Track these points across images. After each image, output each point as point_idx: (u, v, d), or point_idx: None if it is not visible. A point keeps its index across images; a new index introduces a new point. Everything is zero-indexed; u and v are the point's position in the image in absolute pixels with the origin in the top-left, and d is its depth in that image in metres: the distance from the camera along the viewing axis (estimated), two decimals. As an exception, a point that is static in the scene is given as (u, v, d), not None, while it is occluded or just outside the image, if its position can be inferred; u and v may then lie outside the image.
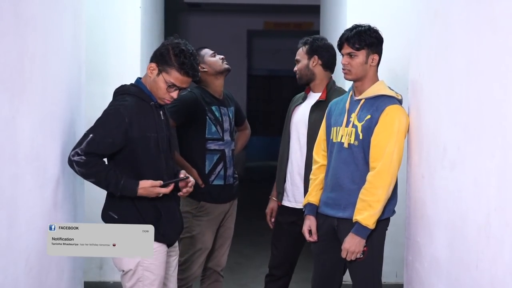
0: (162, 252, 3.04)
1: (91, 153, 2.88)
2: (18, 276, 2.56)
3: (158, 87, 3.00)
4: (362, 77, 3.15)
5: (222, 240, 3.92)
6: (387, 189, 3.03)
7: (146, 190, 2.93)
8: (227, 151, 3.82)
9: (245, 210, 6.44)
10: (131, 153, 2.97)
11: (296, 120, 3.78)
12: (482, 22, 2.23)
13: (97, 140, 2.88)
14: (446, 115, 2.56)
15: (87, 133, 2.92)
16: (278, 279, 3.87)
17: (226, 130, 3.83)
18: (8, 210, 2.45)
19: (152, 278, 2.99)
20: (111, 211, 3.03)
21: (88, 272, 4.73)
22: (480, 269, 2.20)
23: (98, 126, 2.93)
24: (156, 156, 3.02)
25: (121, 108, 2.94)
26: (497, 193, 2.09)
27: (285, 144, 3.82)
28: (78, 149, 2.87)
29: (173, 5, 9.70)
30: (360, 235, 3.04)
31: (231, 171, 3.85)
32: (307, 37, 3.80)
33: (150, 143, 2.99)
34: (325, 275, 3.32)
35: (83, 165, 2.88)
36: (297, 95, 3.96)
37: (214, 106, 3.79)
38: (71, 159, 2.89)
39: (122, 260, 2.99)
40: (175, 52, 2.97)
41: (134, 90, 3.04)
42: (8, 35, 2.41)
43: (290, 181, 3.78)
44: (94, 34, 4.88)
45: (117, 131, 2.91)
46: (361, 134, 3.10)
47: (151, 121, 3.01)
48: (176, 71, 2.97)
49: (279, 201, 3.83)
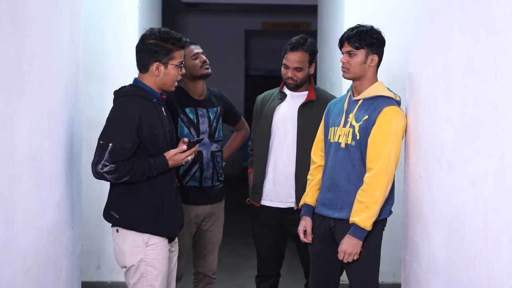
0: (164, 246, 3.05)
1: (118, 160, 2.91)
2: (15, 276, 2.56)
3: (172, 76, 3.07)
4: (360, 77, 3.15)
5: (211, 246, 3.87)
6: (384, 191, 3.03)
7: (173, 160, 3.02)
8: (204, 153, 3.72)
9: (242, 210, 6.46)
10: (143, 151, 3.00)
11: (279, 119, 3.74)
12: (479, 22, 2.23)
13: (118, 147, 2.91)
14: (444, 115, 2.56)
15: (104, 143, 2.92)
16: (269, 278, 3.87)
17: (204, 132, 3.74)
18: (6, 211, 2.45)
19: (156, 273, 3.01)
20: (112, 211, 3.05)
21: (85, 272, 4.72)
22: (477, 269, 2.20)
23: (114, 134, 2.93)
24: (165, 149, 3.06)
25: (130, 110, 2.96)
26: (494, 193, 2.09)
27: (263, 145, 3.77)
28: (104, 161, 2.89)
29: (171, 5, 9.70)
30: (358, 236, 3.04)
31: (209, 173, 3.75)
32: (299, 40, 3.66)
33: (158, 139, 3.03)
34: (322, 275, 3.32)
35: (115, 171, 2.91)
36: (267, 94, 3.91)
37: (188, 108, 3.72)
38: (100, 172, 2.90)
39: (125, 256, 3.01)
40: (163, 38, 3.03)
41: (135, 90, 3.06)
42: (5, 35, 2.41)
43: (272, 180, 3.75)
44: (92, 34, 4.88)
45: (131, 134, 2.94)
46: (359, 134, 3.10)
47: (156, 118, 3.05)
48: (177, 51, 3.06)
49: (257, 202, 3.81)
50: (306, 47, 3.66)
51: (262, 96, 3.95)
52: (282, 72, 3.73)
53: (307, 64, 3.69)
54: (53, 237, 3.06)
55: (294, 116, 3.72)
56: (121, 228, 3.02)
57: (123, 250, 3.02)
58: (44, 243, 2.92)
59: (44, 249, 2.92)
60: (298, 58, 3.65)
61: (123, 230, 3.02)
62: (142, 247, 3.00)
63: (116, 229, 3.04)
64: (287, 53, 3.68)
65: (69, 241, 3.33)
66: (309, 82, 3.79)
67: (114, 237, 3.06)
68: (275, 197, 3.75)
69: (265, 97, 3.91)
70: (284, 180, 3.72)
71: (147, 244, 3.00)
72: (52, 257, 3.06)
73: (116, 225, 3.04)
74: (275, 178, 3.74)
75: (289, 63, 3.67)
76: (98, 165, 2.90)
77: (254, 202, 3.84)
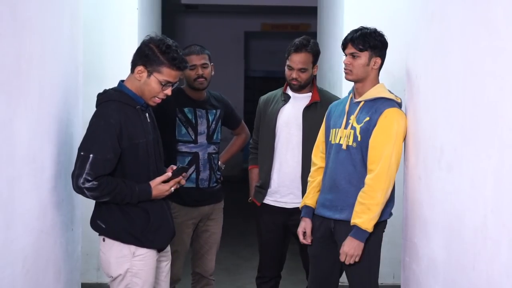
0: (151, 257, 2.98)
1: (100, 175, 2.81)
2: (15, 278, 2.56)
3: (151, 88, 2.92)
4: (362, 79, 3.16)
5: (208, 246, 3.86)
6: (385, 192, 3.03)
7: (157, 189, 2.93)
8: (201, 154, 3.72)
9: (242, 212, 6.46)
10: (120, 162, 2.90)
11: (284, 121, 3.75)
12: (478, 24, 2.23)
13: (99, 159, 2.80)
14: (443, 116, 2.56)
15: (84, 154, 2.81)
16: (270, 280, 3.87)
17: (202, 133, 3.73)
18: (5, 212, 2.45)
19: (141, 285, 2.94)
20: (99, 220, 2.98)
21: (85, 273, 4.73)
22: (476, 270, 2.20)
23: (94, 144, 2.82)
24: (144, 162, 2.96)
25: (111, 119, 2.85)
26: (493, 195, 2.09)
27: (268, 146, 3.78)
28: (86, 175, 2.78)
29: (170, 7, 9.70)
30: (359, 238, 3.04)
31: (206, 174, 3.73)
32: (302, 41, 3.67)
33: (138, 151, 2.92)
34: (321, 276, 3.32)
35: (96, 189, 2.81)
36: (270, 95, 3.91)
37: (187, 107, 3.72)
38: (80, 186, 2.80)
39: (111, 266, 2.95)
40: (161, 49, 2.89)
41: (118, 95, 2.94)
42: (5, 37, 2.41)
43: (277, 182, 3.76)
44: (92, 35, 4.88)
45: (113, 144, 2.84)
46: (360, 136, 3.10)
47: (138, 126, 2.94)
48: (168, 68, 2.89)
49: (259, 201, 3.81)
50: (309, 48, 3.67)
51: (265, 97, 3.95)
52: (286, 74, 3.74)
53: (311, 65, 3.70)
54: (53, 239, 3.06)
55: (298, 117, 3.72)
56: (107, 238, 2.96)
57: (109, 259, 2.95)
58: (43, 245, 2.91)
59: (43, 251, 2.92)
60: (302, 59, 3.66)
61: (109, 240, 2.95)
62: (129, 257, 2.93)
63: (102, 238, 2.98)
64: (291, 54, 3.68)
65: (68, 242, 3.33)
66: (312, 84, 3.79)
67: (101, 246, 2.99)
68: (280, 198, 3.76)
69: (268, 98, 3.91)
70: (289, 181, 3.73)
71: (134, 254, 2.93)
72: (52, 259, 3.05)
73: (103, 235, 2.98)
74: (280, 179, 3.75)
75: (293, 64, 3.67)
76: (79, 179, 2.79)
77: (255, 201, 3.85)
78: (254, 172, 3.94)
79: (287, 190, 3.73)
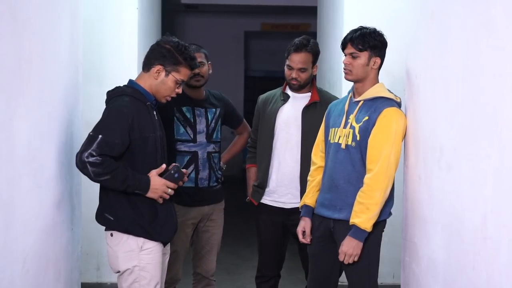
0: (158, 251, 3.03)
1: (105, 154, 2.86)
2: (15, 278, 2.56)
3: (167, 87, 3.05)
4: (362, 79, 3.16)
5: (209, 247, 3.85)
6: (384, 192, 3.03)
7: (154, 180, 2.96)
8: (200, 153, 3.71)
9: (242, 212, 6.45)
10: (130, 153, 2.97)
11: (283, 120, 3.75)
12: (478, 24, 2.23)
13: (107, 141, 2.86)
14: (443, 116, 2.56)
15: (94, 134, 2.88)
16: (269, 279, 3.87)
17: (201, 132, 3.73)
18: (5, 212, 2.45)
19: (149, 278, 2.99)
20: (106, 213, 3.01)
21: (85, 273, 4.73)
22: (476, 270, 2.20)
23: (105, 127, 2.90)
24: (153, 156, 3.03)
25: (124, 109, 2.94)
26: (493, 194, 2.09)
27: (266, 146, 3.78)
28: (91, 150, 2.83)
29: (170, 6, 9.71)
30: (358, 238, 3.04)
31: (205, 174, 3.73)
32: (302, 41, 3.67)
33: (147, 144, 3.00)
34: (321, 276, 3.32)
35: (99, 165, 2.84)
36: (269, 94, 3.91)
37: (185, 106, 3.72)
38: (84, 160, 2.83)
39: (119, 260, 2.99)
40: (180, 50, 3.03)
41: (130, 91, 3.04)
42: (5, 37, 2.41)
43: (275, 182, 3.76)
44: (91, 35, 4.88)
45: (122, 132, 2.91)
46: (359, 135, 3.10)
47: (148, 121, 3.02)
48: (186, 68, 3.06)
49: (256, 201, 3.82)
50: (309, 48, 3.67)
51: (264, 96, 3.95)
52: (285, 73, 3.73)
53: (311, 64, 3.70)
54: (53, 238, 3.06)
55: (298, 117, 3.72)
56: (116, 231, 2.99)
57: (117, 254, 2.99)
58: (43, 244, 2.92)
59: (43, 250, 2.92)
60: (302, 59, 3.66)
61: (118, 233, 2.99)
62: (137, 251, 2.97)
63: (110, 233, 3.01)
64: (290, 54, 3.68)
65: (68, 242, 3.33)
66: (311, 83, 3.79)
67: (108, 241, 3.03)
68: (278, 198, 3.76)
69: (267, 97, 3.91)
70: (287, 181, 3.73)
71: (142, 248, 2.98)
72: (52, 258, 3.05)
73: (111, 228, 3.01)
74: (279, 179, 3.75)
75: (293, 64, 3.67)
76: (84, 153, 2.84)
77: (253, 200, 3.85)
78: (252, 171, 3.95)
79: (286, 190, 3.73)
